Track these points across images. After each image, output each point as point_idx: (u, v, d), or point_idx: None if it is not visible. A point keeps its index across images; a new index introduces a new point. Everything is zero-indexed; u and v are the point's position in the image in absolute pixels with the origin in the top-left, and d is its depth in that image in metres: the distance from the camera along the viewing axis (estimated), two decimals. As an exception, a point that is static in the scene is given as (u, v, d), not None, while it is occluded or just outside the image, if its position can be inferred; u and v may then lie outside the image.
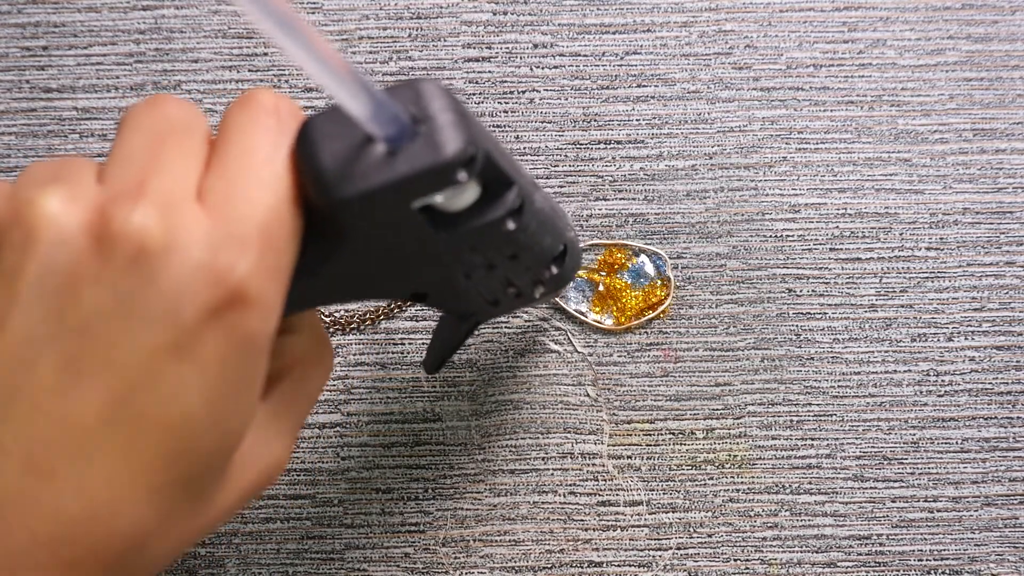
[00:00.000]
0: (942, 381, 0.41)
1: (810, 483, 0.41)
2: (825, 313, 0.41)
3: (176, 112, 0.26)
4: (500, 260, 0.30)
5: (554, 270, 0.33)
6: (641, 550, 0.40)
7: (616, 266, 0.42)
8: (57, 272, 0.24)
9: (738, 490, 0.41)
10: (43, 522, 0.24)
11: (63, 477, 0.24)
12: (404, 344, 0.41)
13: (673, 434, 0.41)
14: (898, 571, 0.40)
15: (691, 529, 0.40)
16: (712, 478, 0.41)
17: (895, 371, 0.41)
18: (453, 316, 0.36)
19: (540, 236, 0.31)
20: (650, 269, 0.41)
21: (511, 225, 0.29)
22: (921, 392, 0.41)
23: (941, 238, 0.42)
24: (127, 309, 0.24)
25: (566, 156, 0.42)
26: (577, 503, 0.41)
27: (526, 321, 0.41)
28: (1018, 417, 0.41)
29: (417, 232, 0.27)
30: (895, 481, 0.41)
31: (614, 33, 0.43)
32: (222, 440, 0.26)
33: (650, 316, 0.41)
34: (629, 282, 0.41)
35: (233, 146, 0.25)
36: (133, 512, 0.25)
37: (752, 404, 0.41)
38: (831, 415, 0.41)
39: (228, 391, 0.25)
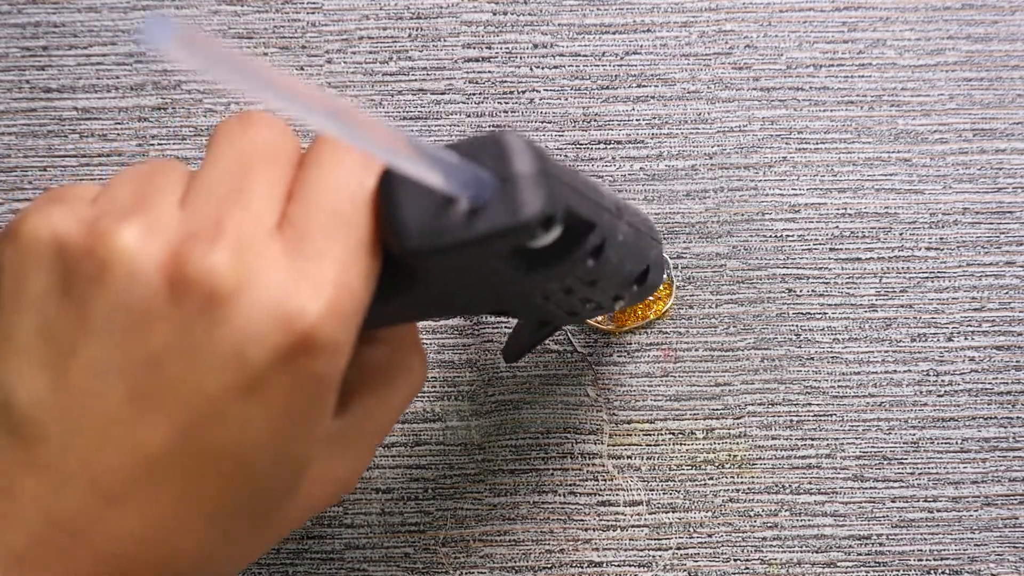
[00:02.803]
0: (942, 381, 0.41)
1: (810, 483, 0.41)
2: (825, 313, 0.41)
3: (266, 136, 0.26)
4: (579, 287, 0.30)
5: (634, 288, 0.33)
6: (641, 550, 0.40)
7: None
8: (129, 308, 0.24)
9: (738, 490, 0.41)
10: (106, 543, 0.24)
11: (127, 501, 0.24)
12: (404, 344, 0.41)
13: (673, 434, 0.41)
14: (898, 571, 0.40)
15: (691, 529, 0.40)
16: (712, 478, 0.41)
17: (895, 371, 0.41)
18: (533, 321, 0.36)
19: (621, 265, 0.31)
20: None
21: (591, 264, 0.29)
22: (921, 392, 0.41)
23: (941, 238, 0.42)
24: (196, 349, 0.24)
25: (566, 156, 0.42)
26: (577, 503, 0.41)
27: (526, 321, 0.41)
28: (1018, 417, 0.41)
29: (494, 270, 0.27)
30: (895, 481, 0.41)
31: (614, 33, 0.43)
32: (286, 472, 0.26)
33: (650, 317, 0.41)
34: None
35: (319, 179, 0.25)
36: (196, 535, 0.25)
37: (752, 404, 0.41)
38: (831, 415, 0.41)
39: (293, 427, 0.25)
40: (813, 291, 0.41)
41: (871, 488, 0.41)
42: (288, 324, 0.24)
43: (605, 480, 0.41)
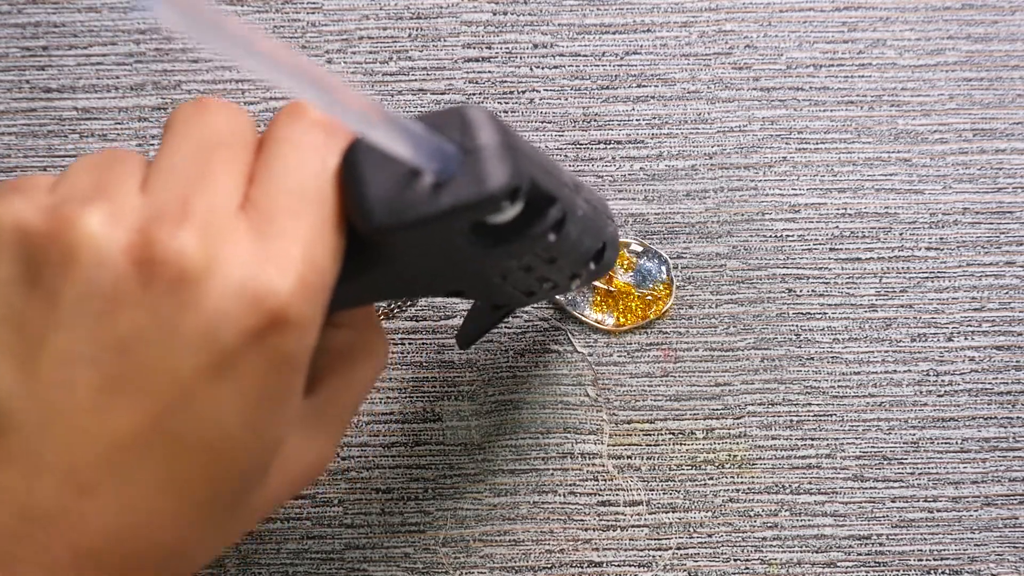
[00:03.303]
0: (942, 381, 0.41)
1: (810, 483, 0.41)
2: (825, 313, 0.41)
3: (224, 122, 0.25)
4: (537, 264, 0.30)
5: (592, 266, 0.33)
6: (641, 550, 0.40)
7: (612, 274, 0.41)
8: (97, 294, 0.24)
9: (738, 490, 0.41)
10: (83, 536, 0.24)
11: (102, 493, 0.24)
12: (404, 344, 0.41)
13: (673, 434, 0.41)
14: (898, 571, 0.40)
15: (691, 529, 0.40)
16: (712, 478, 0.41)
17: (895, 371, 0.41)
18: (487, 304, 0.36)
19: (580, 241, 0.31)
20: (655, 272, 0.41)
21: (552, 238, 0.29)
22: (921, 392, 0.41)
23: (941, 238, 0.42)
24: (166, 332, 0.24)
25: (566, 156, 0.42)
26: (577, 503, 0.41)
27: (526, 321, 0.41)
28: (1018, 417, 0.41)
29: (456, 246, 0.27)
30: (895, 481, 0.41)
31: (614, 33, 0.43)
32: (259, 454, 0.26)
33: (650, 317, 0.41)
34: (633, 285, 0.41)
35: (280, 159, 0.25)
36: (172, 524, 0.25)
37: (752, 404, 0.41)
38: (831, 415, 0.41)
39: (265, 408, 0.25)
40: (813, 291, 0.41)
41: (871, 488, 0.41)
42: (257, 303, 0.24)
43: (605, 480, 0.41)
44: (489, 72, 0.43)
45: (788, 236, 0.42)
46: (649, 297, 0.41)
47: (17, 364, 0.24)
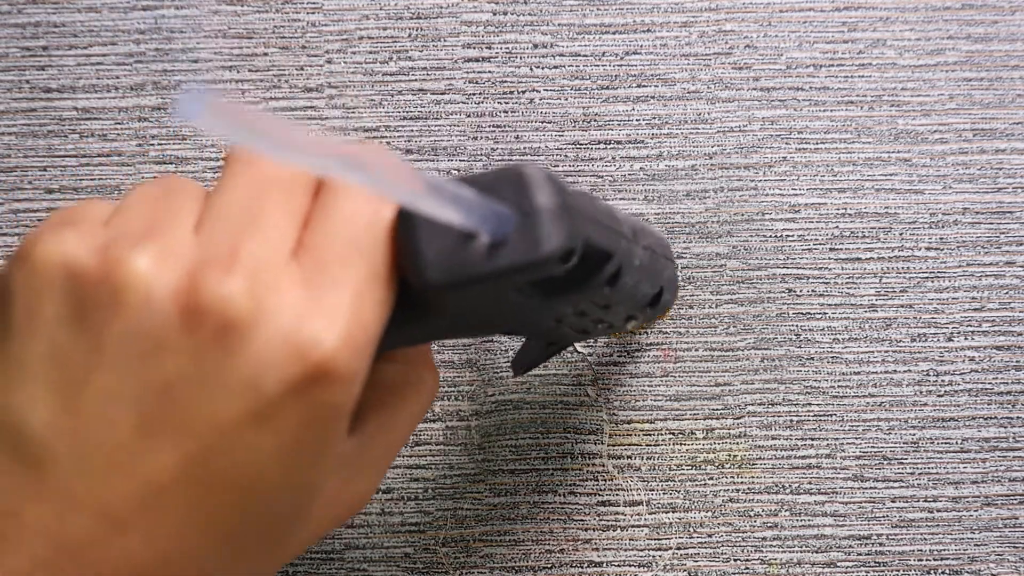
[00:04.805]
0: (942, 381, 0.41)
1: (810, 483, 0.41)
2: (825, 313, 0.41)
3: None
4: (593, 310, 0.30)
5: (648, 310, 0.33)
6: (641, 550, 0.40)
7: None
8: (142, 337, 0.24)
9: (738, 490, 0.41)
10: (111, 569, 0.24)
11: (135, 530, 0.24)
12: (404, 344, 0.41)
13: (673, 434, 0.41)
14: (898, 571, 0.40)
15: (691, 529, 0.40)
16: (712, 478, 0.41)
17: (895, 371, 0.41)
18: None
19: (636, 289, 0.31)
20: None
21: (606, 291, 0.29)
22: (921, 392, 0.41)
23: (941, 238, 0.42)
24: (208, 378, 0.24)
25: (566, 156, 0.42)
26: (577, 503, 0.41)
27: (526, 321, 0.41)
28: (1018, 417, 0.41)
29: (510, 300, 0.27)
30: (895, 481, 0.41)
31: (614, 33, 0.43)
32: (296, 499, 0.26)
33: (650, 316, 0.41)
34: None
35: (336, 206, 0.25)
36: (202, 562, 0.25)
37: (752, 404, 0.41)
38: (831, 415, 0.41)
39: (304, 457, 0.25)
40: (813, 291, 0.41)
41: (871, 488, 0.41)
42: (302, 354, 0.24)
43: (605, 480, 0.41)
44: (489, 72, 0.43)
45: (788, 236, 0.42)
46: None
47: (59, 400, 0.24)
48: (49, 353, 0.24)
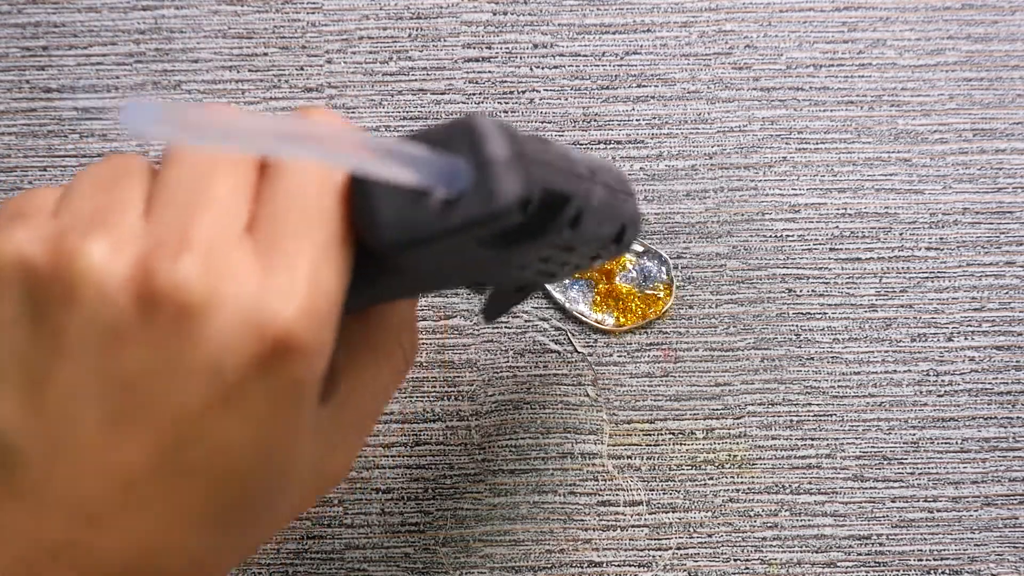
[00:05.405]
0: (942, 381, 0.41)
1: (810, 483, 0.41)
2: (825, 313, 0.41)
3: None
4: (556, 253, 0.30)
5: (612, 248, 0.33)
6: (641, 550, 0.40)
7: (612, 274, 0.41)
8: (100, 330, 0.23)
9: (738, 490, 0.41)
10: (90, 564, 0.24)
11: (112, 524, 0.24)
12: (404, 344, 0.41)
13: (673, 434, 0.41)
14: (898, 571, 0.40)
15: (691, 529, 0.40)
16: (712, 478, 0.41)
17: (895, 371, 0.41)
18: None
19: (597, 229, 0.30)
20: (655, 272, 0.41)
21: (568, 234, 0.29)
22: (921, 392, 0.41)
23: (941, 238, 0.42)
24: (170, 366, 0.23)
25: (566, 156, 0.42)
26: (577, 503, 0.41)
27: (526, 321, 0.41)
28: (1018, 417, 0.41)
29: (471, 253, 0.27)
30: (895, 481, 0.41)
31: (614, 33, 0.43)
32: (271, 477, 0.26)
33: (650, 317, 0.41)
34: (633, 285, 0.41)
35: (285, 177, 0.25)
36: (182, 549, 0.25)
37: (752, 404, 0.41)
38: (831, 415, 0.41)
39: (275, 433, 0.25)
40: (813, 291, 0.41)
41: (871, 488, 0.41)
42: (261, 331, 0.23)
43: (605, 480, 0.41)
44: (489, 72, 0.43)
45: (788, 236, 0.42)
46: (649, 297, 0.41)
47: (23, 400, 0.24)
48: (9, 354, 0.24)
